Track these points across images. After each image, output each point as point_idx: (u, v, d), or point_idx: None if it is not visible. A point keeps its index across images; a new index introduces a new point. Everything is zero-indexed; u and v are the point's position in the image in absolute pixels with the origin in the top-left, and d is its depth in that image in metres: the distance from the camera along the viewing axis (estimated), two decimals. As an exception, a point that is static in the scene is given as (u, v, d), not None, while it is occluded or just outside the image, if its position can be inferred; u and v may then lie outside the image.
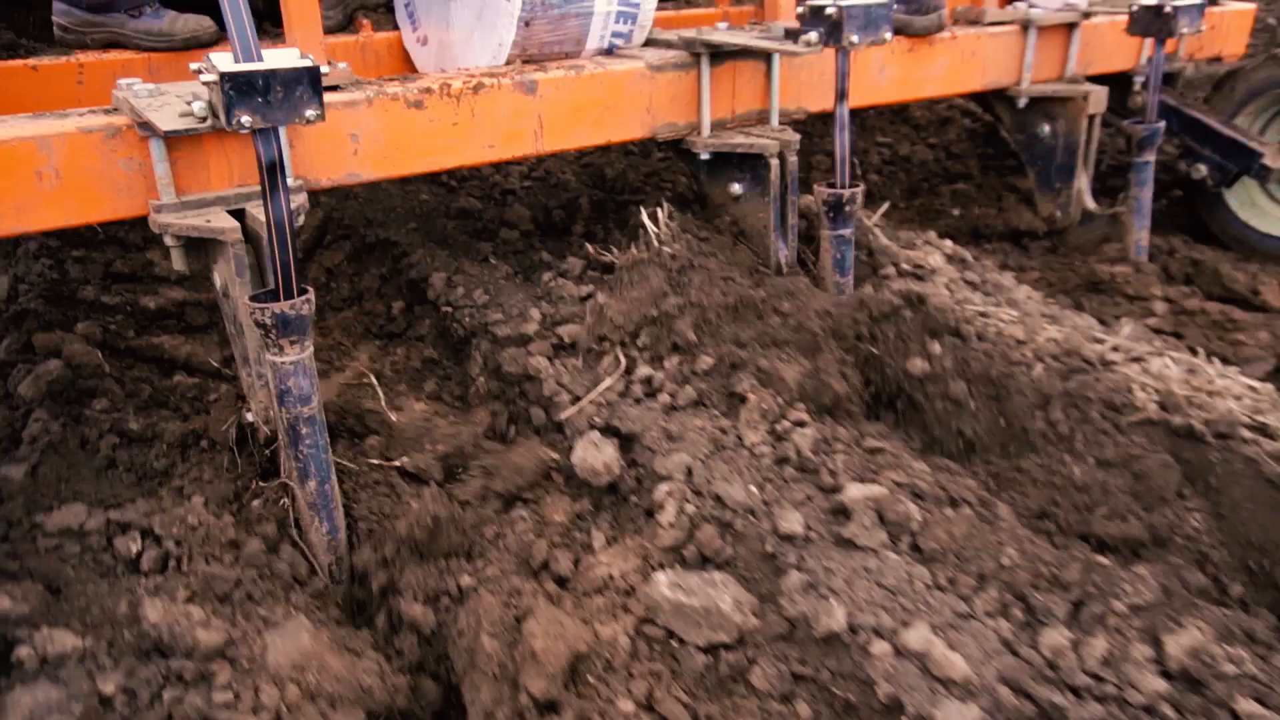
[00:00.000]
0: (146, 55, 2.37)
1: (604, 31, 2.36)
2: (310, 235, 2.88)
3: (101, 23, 2.33)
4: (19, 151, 1.67)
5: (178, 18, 2.38)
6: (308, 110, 1.48)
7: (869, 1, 2.09)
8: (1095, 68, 3.29)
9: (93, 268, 2.65)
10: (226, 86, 1.41)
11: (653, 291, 2.14)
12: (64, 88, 2.29)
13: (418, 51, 2.60)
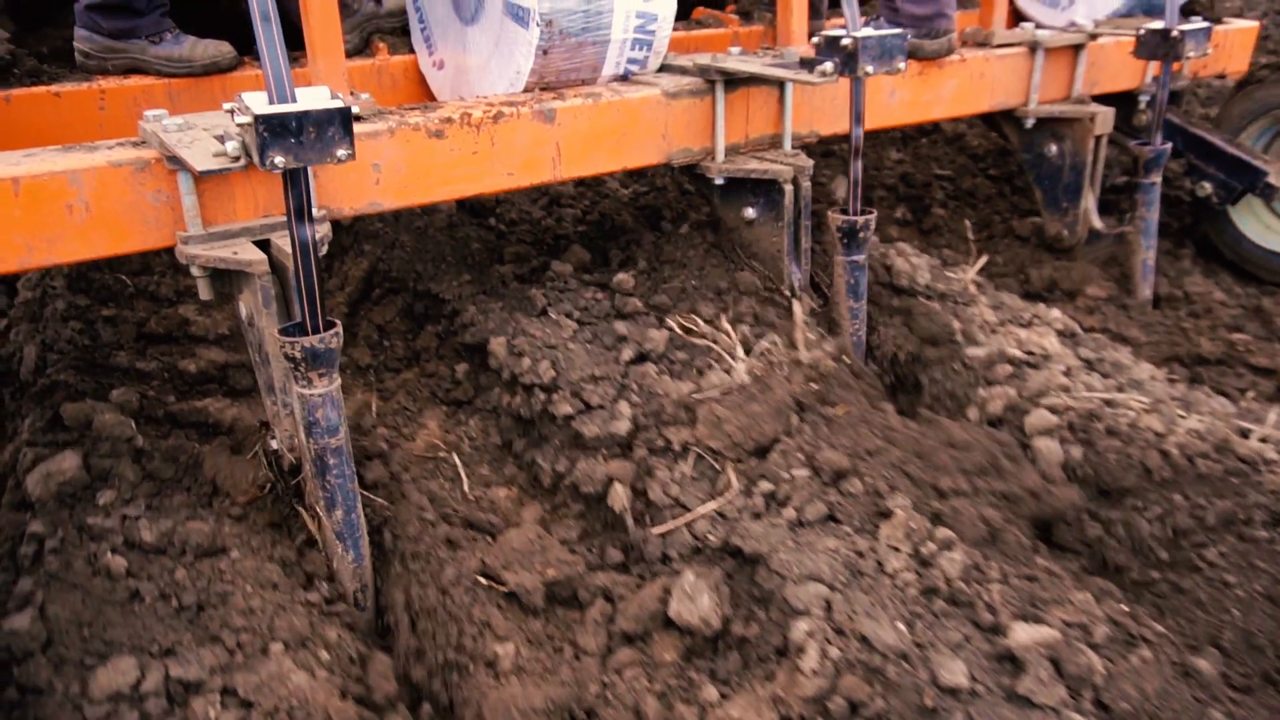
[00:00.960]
0: (167, 81, 2.39)
1: (620, 58, 2.39)
2: (356, 287, 2.79)
3: (123, 49, 2.35)
4: (50, 186, 1.70)
5: (197, 43, 2.41)
6: (339, 150, 1.50)
7: (883, 33, 2.12)
8: (1101, 87, 3.32)
9: (125, 329, 2.52)
10: (261, 128, 1.43)
11: (778, 406, 2.03)
12: (86, 114, 2.32)
13: (434, 75, 2.63)
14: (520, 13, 2.22)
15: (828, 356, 2.26)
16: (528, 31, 2.22)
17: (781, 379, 2.13)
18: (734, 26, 3.28)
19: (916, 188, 3.82)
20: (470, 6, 2.40)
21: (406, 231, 2.89)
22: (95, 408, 1.98)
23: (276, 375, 1.83)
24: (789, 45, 2.59)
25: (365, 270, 2.80)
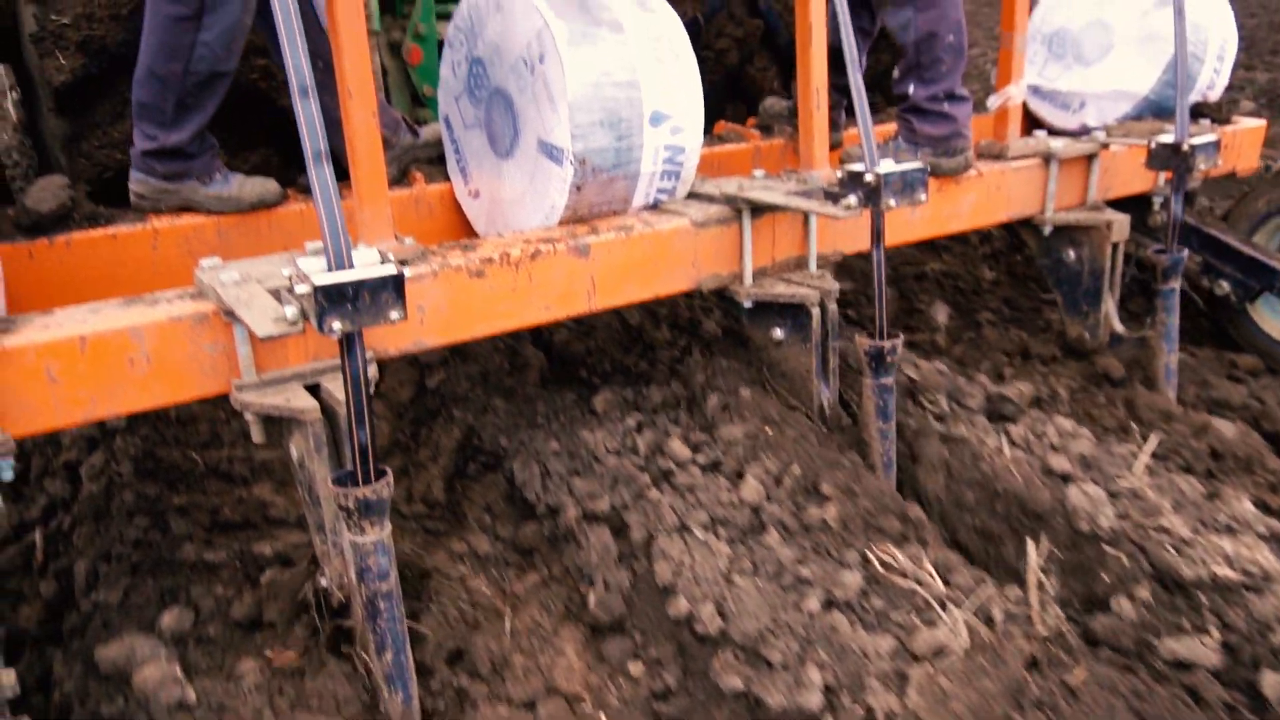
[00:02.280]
0: (216, 218, 2.50)
1: (650, 189, 2.48)
2: (450, 459, 2.60)
3: (175, 190, 2.46)
4: (114, 342, 1.78)
5: (245, 181, 2.52)
6: (392, 313, 1.58)
7: (905, 167, 2.20)
8: (1115, 192, 3.40)
9: (198, 516, 2.38)
10: (319, 297, 1.51)
11: (1012, 683, 1.72)
12: (140, 253, 2.42)
13: (470, 204, 2.73)
14: (554, 152, 2.32)
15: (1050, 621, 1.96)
16: (562, 169, 2.31)
17: (1014, 646, 1.82)
18: (755, 141, 3.38)
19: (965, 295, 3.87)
20: (505, 142, 2.50)
21: (498, 393, 2.78)
22: (135, 653, 1.82)
23: (326, 516, 1.88)
24: (811, 169, 2.68)
25: (458, 440, 2.65)
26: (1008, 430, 2.58)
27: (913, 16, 2.78)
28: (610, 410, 2.67)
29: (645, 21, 2.41)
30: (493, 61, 2.47)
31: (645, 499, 2.28)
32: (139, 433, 2.61)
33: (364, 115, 1.97)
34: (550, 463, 2.47)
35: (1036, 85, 4.04)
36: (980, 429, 2.56)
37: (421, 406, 2.81)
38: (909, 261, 4.17)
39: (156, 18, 2.31)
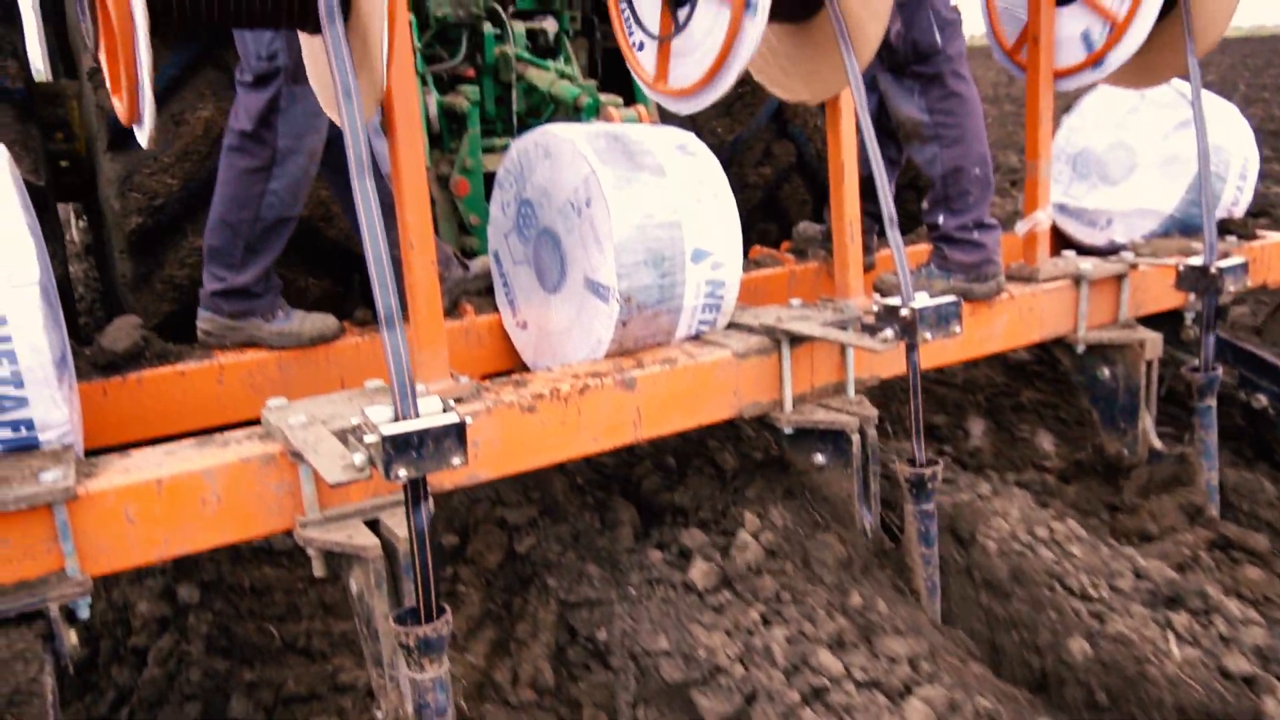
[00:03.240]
0: (278, 353, 2.62)
1: (692, 322, 2.58)
2: (551, 636, 2.45)
3: (240, 327, 2.59)
4: (187, 483, 1.88)
5: (305, 318, 2.65)
6: (454, 458, 1.66)
7: (939, 302, 2.29)
8: (1147, 308, 3.46)
9: (263, 694, 2.30)
10: (387, 446, 1.60)
11: None
12: (207, 388, 2.54)
13: (518, 334, 2.84)
14: (601, 290, 2.43)
15: None
16: (608, 306, 2.42)
17: None
18: (790, 266, 3.50)
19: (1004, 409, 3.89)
20: (553, 278, 2.62)
21: (591, 557, 2.62)
22: None
23: (384, 650, 1.94)
24: (847, 298, 2.77)
25: (556, 614, 2.50)
26: (1170, 619, 2.22)
27: (938, 152, 2.91)
28: (716, 587, 2.39)
29: (686, 165, 2.54)
30: (541, 203, 2.61)
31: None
32: (212, 607, 2.56)
33: (424, 264, 2.09)
34: (663, 668, 2.14)
35: (1063, 203, 4.16)
36: (1138, 620, 2.22)
37: (512, 573, 2.71)
38: (945, 372, 4.22)
39: (231, 171, 2.48)
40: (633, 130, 2.63)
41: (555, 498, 2.96)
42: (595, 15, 4.29)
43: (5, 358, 1.79)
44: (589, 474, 3.19)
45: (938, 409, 3.89)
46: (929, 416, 3.79)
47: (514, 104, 3.73)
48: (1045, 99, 3.12)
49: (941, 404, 3.94)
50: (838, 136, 2.72)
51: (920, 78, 2.90)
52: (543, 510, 2.89)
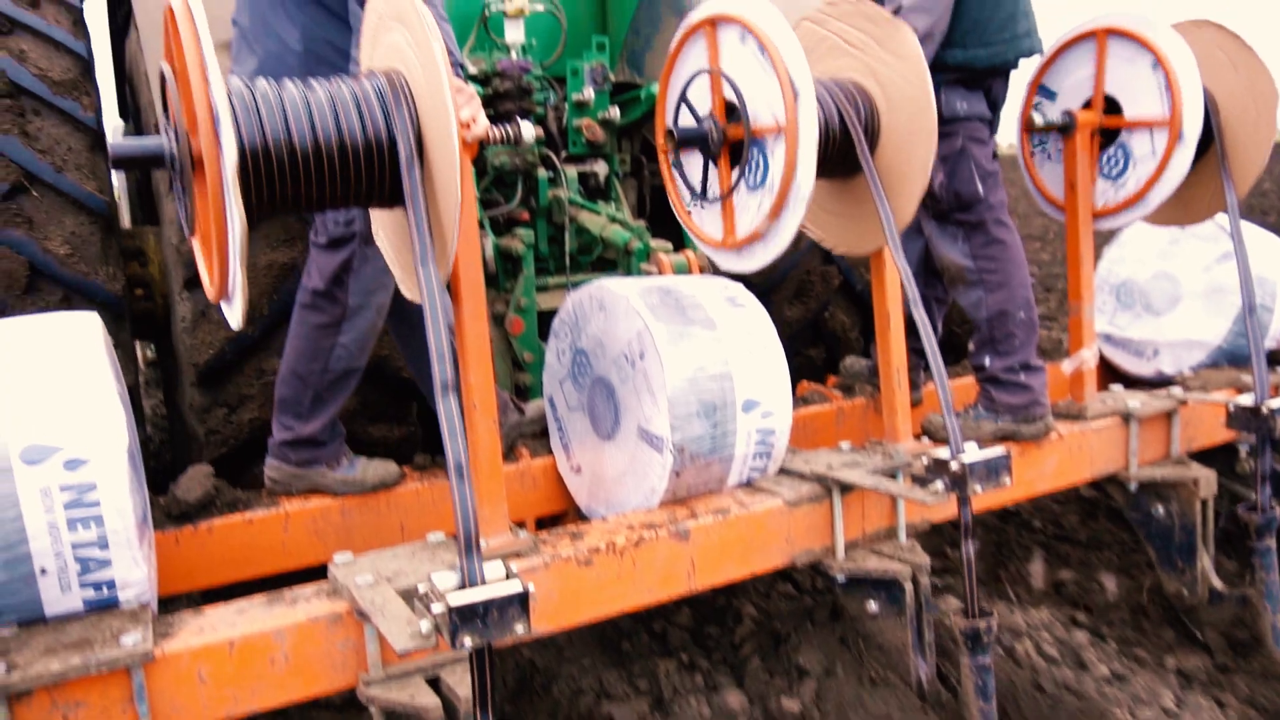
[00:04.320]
0: (341, 500, 2.70)
1: (743, 469, 2.63)
2: None
3: (306, 475, 2.69)
4: (258, 643, 1.94)
5: (368, 465, 2.74)
6: (517, 626, 1.71)
7: (989, 455, 2.32)
8: (1199, 443, 3.45)
9: None
10: (454, 617, 1.65)
11: None
12: (272, 535, 2.62)
13: (572, 478, 2.90)
14: (655, 440, 2.50)
15: None
16: (662, 457, 2.48)
17: None
18: (838, 402, 3.55)
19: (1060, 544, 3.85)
20: (607, 425, 2.69)
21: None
22: None
23: (443, 811, 1.95)
24: (896, 442, 2.81)
25: None
26: None
27: (983, 296, 2.97)
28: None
29: (735, 317, 2.63)
30: (595, 353, 2.70)
31: None
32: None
33: (487, 424, 2.18)
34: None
35: (1109, 333, 4.18)
36: None
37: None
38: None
39: (303, 326, 2.61)
40: (684, 283, 2.73)
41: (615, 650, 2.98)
42: (643, 155, 4.47)
43: (93, 521, 1.89)
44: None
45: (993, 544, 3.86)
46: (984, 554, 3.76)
47: (566, 245, 3.88)
48: (1085, 242, 3.19)
49: (998, 540, 3.91)
50: (883, 286, 2.80)
51: (964, 225, 2.99)
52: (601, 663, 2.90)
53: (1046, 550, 3.84)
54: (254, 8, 2.53)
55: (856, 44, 2.72)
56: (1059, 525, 4.05)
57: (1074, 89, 3.24)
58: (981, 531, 3.91)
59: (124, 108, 4.65)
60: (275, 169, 1.87)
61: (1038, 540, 3.91)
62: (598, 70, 4.06)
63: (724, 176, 2.61)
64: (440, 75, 1.83)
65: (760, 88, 2.44)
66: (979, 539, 3.88)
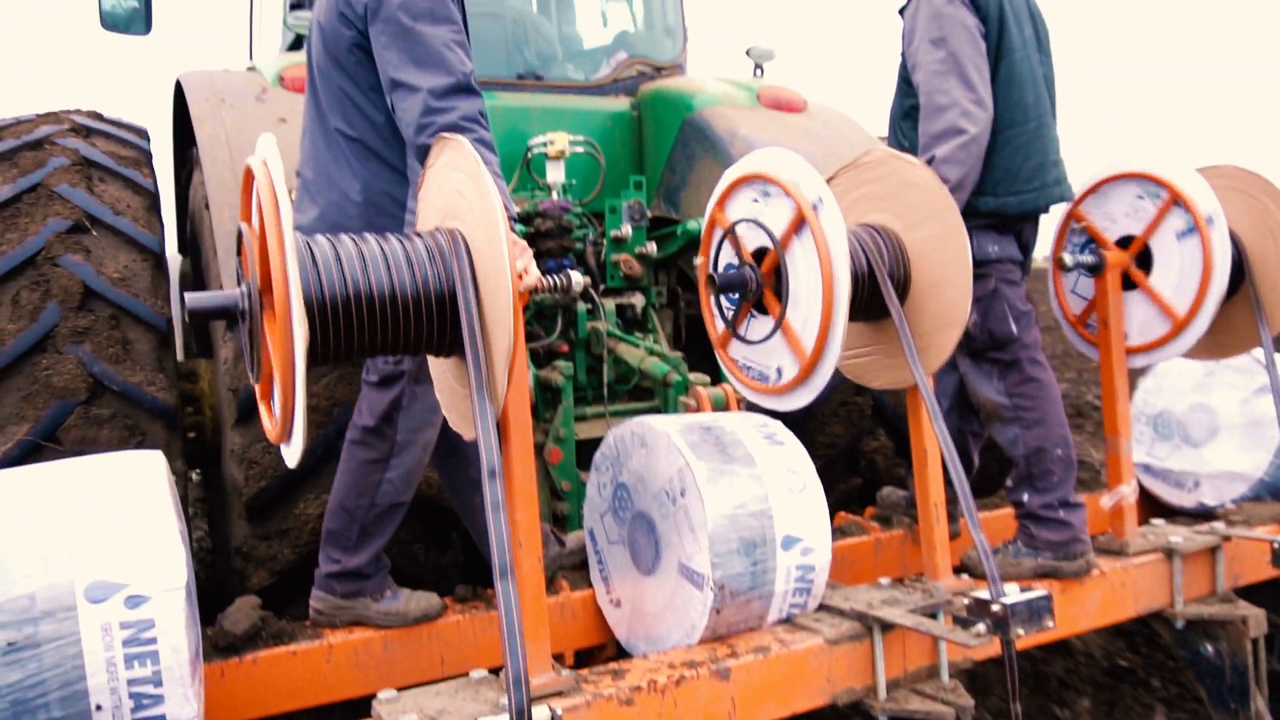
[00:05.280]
0: (383, 632, 2.73)
1: (783, 605, 2.64)
2: None
3: (350, 607, 2.72)
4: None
5: (410, 597, 2.77)
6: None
7: (1031, 596, 2.32)
8: (1246, 579, 3.40)
9: None
10: (501, 762, 1.67)
11: None
12: (316, 666, 2.65)
13: (611, 611, 2.92)
14: (695, 576, 2.52)
15: None
16: (702, 594, 2.50)
17: None
18: (876, 534, 3.55)
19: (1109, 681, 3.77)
20: (647, 560, 2.72)
21: None
22: None
23: None
24: (936, 579, 2.81)
25: None
26: None
27: (1020, 433, 3.01)
28: None
29: (775, 455, 2.68)
30: (636, 489, 2.75)
31: None
32: None
33: (532, 562, 2.22)
34: None
35: (1148, 464, 4.17)
36: None
37: None
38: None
39: (351, 461, 2.69)
40: (724, 420, 2.79)
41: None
42: (680, 287, 4.59)
43: (149, 658, 1.93)
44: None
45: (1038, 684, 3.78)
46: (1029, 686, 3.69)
47: (605, 375, 3.97)
48: (1120, 378, 3.23)
49: (1042, 679, 3.83)
50: (919, 422, 2.85)
51: (998, 363, 3.05)
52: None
53: (1095, 686, 3.75)
54: (318, 161, 2.70)
55: (892, 192, 2.84)
56: (1108, 657, 3.96)
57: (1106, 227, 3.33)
58: (1027, 664, 3.84)
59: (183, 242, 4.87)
60: (340, 321, 1.97)
61: (1085, 675, 3.83)
62: (635, 207, 4.22)
63: (761, 320, 2.70)
64: (498, 231, 1.95)
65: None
66: (1024, 672, 3.80)
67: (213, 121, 3.55)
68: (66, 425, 2.85)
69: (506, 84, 4.55)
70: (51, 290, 2.96)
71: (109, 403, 2.94)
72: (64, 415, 2.85)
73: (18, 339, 2.89)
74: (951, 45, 2.91)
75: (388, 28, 2.49)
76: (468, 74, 2.47)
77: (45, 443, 2.82)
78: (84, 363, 2.91)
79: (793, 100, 4.63)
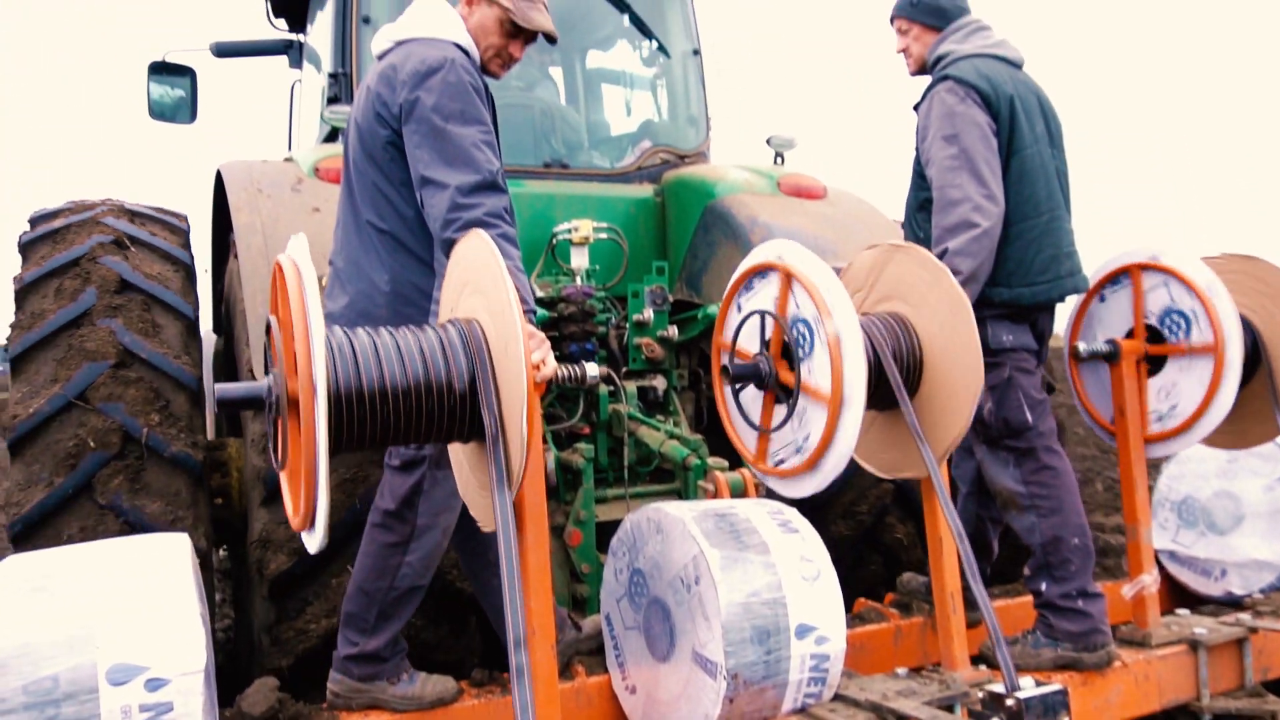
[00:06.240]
0: (399, 715, 2.74)
1: (798, 695, 2.63)
2: None
3: (367, 690, 2.74)
4: None
5: (427, 680, 2.79)
6: None
7: (1046, 691, 2.31)
8: (1275, 671, 3.34)
9: None
10: None
11: None
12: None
13: (626, 698, 2.91)
14: (709, 665, 2.52)
15: None
16: (715, 683, 2.50)
17: None
18: (895, 620, 3.52)
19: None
20: (662, 647, 2.73)
21: None
22: None
23: None
24: (953, 669, 2.79)
25: None
26: None
27: (1037, 522, 3.01)
28: None
29: (790, 542, 2.70)
30: (652, 575, 2.77)
31: None
32: None
33: (545, 648, 2.24)
34: None
35: (1173, 550, 4.13)
36: None
37: None
38: None
39: (372, 544, 2.74)
40: (739, 507, 2.82)
41: None
42: (701, 369, 4.65)
43: (165, 742, 1.97)
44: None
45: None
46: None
47: (626, 458, 4.01)
48: (1138, 467, 3.23)
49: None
50: (935, 510, 2.86)
51: (1014, 451, 3.06)
52: None
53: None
54: (349, 251, 2.80)
55: (906, 282, 2.90)
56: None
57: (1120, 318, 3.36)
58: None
59: (218, 322, 5.01)
60: (364, 411, 2.04)
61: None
62: (657, 292, 4.31)
63: (774, 410, 2.75)
64: (514, 325, 2.02)
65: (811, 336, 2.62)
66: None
67: (249, 210, 3.69)
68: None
69: (534, 172, 4.69)
70: (88, 349, 3.20)
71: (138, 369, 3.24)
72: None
73: (45, 403, 3.02)
74: (964, 142, 2.99)
75: (420, 127, 2.61)
76: (494, 172, 2.57)
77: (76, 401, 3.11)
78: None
79: (812, 187, 4.73)
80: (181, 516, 3.15)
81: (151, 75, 5.54)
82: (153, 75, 5.54)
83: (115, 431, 3.09)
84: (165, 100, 5.61)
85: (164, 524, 3.10)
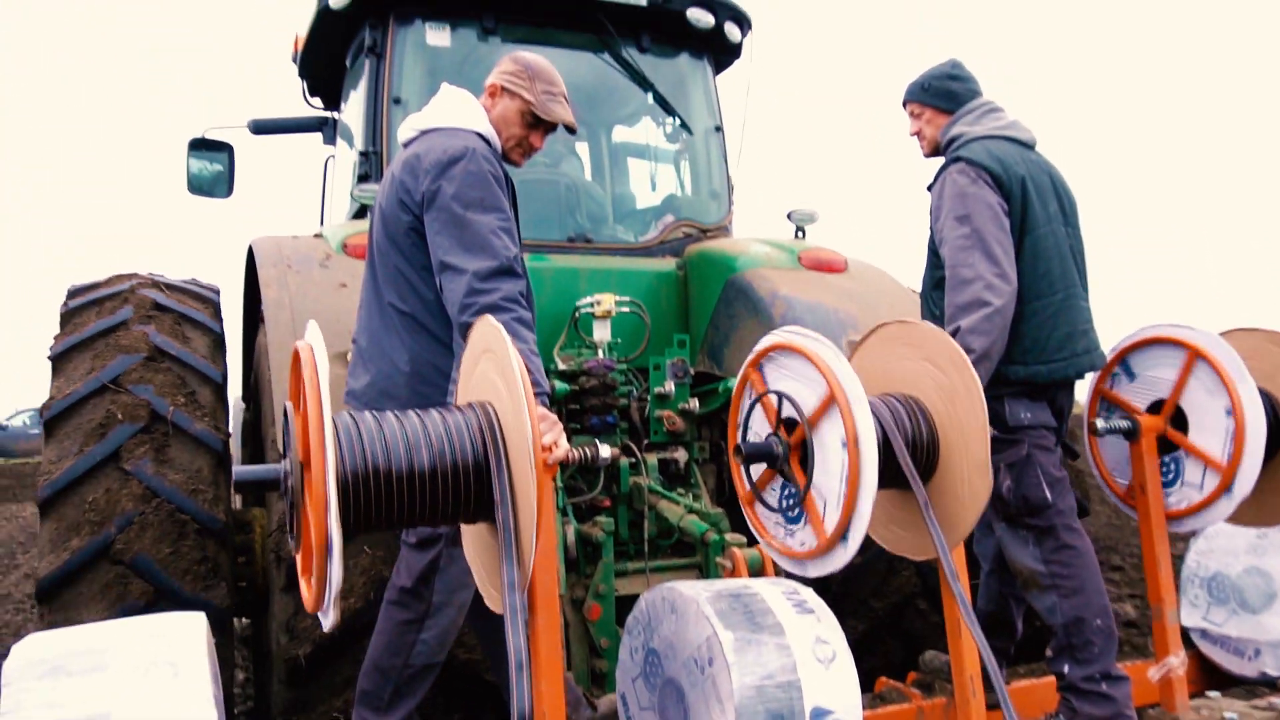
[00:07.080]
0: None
1: (813, 781, 2.59)
2: None
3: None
4: None
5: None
6: None
7: (1064, 782, 2.26)
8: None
9: None
10: None
11: None
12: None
13: (641, 781, 2.88)
14: (722, 749, 2.50)
15: None
16: (729, 767, 2.47)
17: None
18: (918, 701, 3.47)
19: None
20: (677, 729, 2.70)
21: None
22: None
23: None
24: (972, 744, 2.74)
25: None
26: None
27: (1058, 601, 2.97)
28: None
29: (805, 623, 2.68)
30: (666, 655, 2.76)
31: None
32: None
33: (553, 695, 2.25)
34: None
35: (1204, 629, 4.04)
36: None
37: None
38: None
39: (388, 622, 2.76)
40: (755, 586, 2.81)
41: None
42: (722, 441, 4.66)
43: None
44: None
45: None
46: None
47: (646, 531, 4.01)
48: (1161, 545, 3.19)
49: None
50: (950, 592, 2.83)
51: (1034, 529, 3.04)
52: None
53: None
54: (371, 331, 2.87)
55: (919, 361, 2.91)
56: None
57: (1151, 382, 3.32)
58: None
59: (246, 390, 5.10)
60: (376, 494, 2.08)
61: None
62: (678, 365, 4.34)
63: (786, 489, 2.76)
64: (525, 408, 2.05)
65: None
66: None
67: (278, 286, 3.79)
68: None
69: (558, 246, 4.77)
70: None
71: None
72: None
73: (79, 460, 3.14)
74: (975, 222, 3.02)
75: (441, 215, 2.68)
76: (511, 258, 2.64)
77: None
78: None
79: (833, 261, 4.78)
80: (202, 490, 3.30)
81: (191, 151, 5.72)
82: (192, 151, 5.72)
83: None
84: (204, 174, 5.77)
85: (185, 493, 3.26)
